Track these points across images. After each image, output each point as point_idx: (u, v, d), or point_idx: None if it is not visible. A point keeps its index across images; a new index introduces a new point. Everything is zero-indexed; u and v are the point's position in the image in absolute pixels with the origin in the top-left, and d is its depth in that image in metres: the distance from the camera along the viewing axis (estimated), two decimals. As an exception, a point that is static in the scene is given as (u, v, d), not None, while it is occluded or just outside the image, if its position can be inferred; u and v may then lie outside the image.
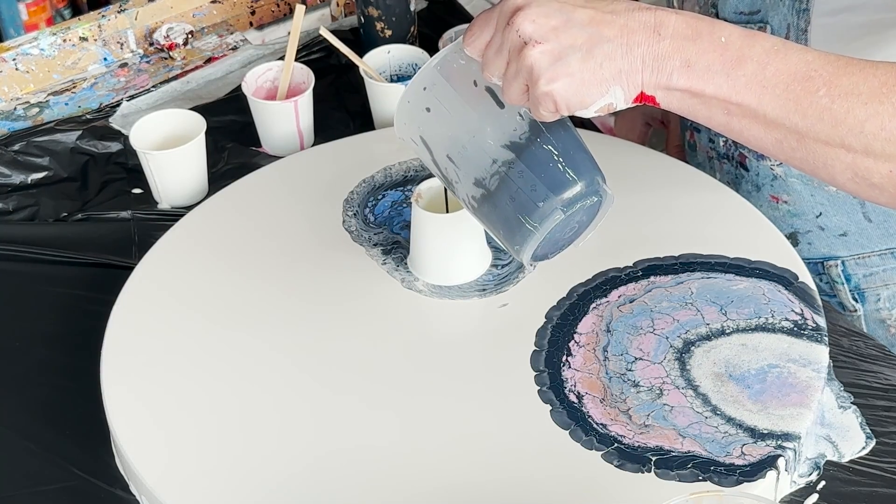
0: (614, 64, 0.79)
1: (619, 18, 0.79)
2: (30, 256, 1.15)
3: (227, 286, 1.05)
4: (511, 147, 0.86)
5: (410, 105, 0.88)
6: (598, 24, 0.79)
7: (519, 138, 0.86)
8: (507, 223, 0.88)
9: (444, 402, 0.94)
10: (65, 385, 1.02)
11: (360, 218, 1.12)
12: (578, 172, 0.86)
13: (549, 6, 0.79)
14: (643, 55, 0.79)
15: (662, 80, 0.80)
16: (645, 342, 0.97)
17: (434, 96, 0.87)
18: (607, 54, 0.79)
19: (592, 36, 0.79)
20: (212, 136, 1.23)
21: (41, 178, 1.26)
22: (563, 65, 0.79)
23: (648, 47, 0.79)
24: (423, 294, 1.03)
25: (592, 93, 0.80)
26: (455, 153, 0.88)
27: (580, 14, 0.79)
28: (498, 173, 0.87)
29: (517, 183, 0.86)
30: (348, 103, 1.36)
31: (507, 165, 0.86)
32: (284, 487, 0.88)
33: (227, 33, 1.44)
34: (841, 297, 1.14)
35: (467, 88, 0.86)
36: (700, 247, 1.06)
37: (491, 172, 0.87)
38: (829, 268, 1.14)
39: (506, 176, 0.86)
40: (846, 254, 1.12)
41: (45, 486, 0.94)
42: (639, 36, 0.79)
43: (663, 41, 0.79)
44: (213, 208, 1.15)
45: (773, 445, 0.88)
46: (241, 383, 0.96)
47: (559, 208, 0.86)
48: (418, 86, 0.87)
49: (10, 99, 1.34)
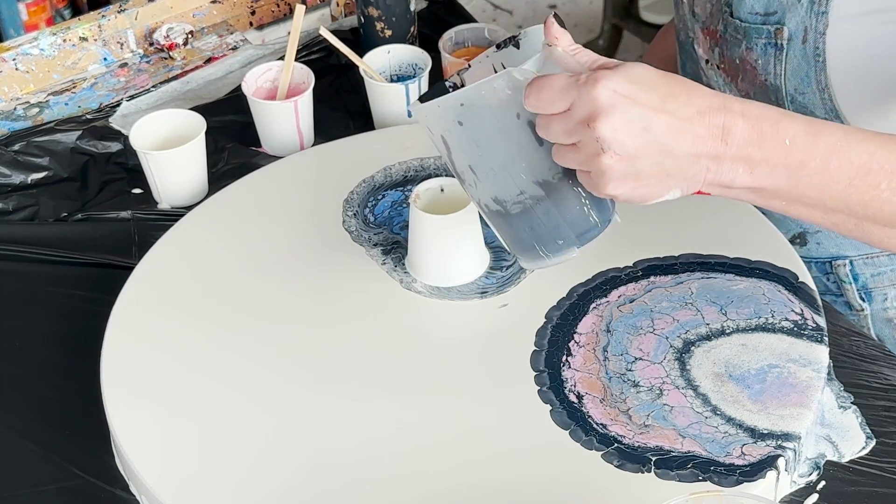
0: (681, 174, 0.81)
1: (692, 127, 0.79)
2: (30, 256, 1.15)
3: (227, 286, 1.05)
4: (542, 185, 0.85)
5: (441, 110, 0.85)
6: (673, 134, 0.79)
7: (552, 178, 0.85)
8: (520, 242, 0.89)
9: (444, 401, 0.94)
10: (65, 385, 1.02)
11: (360, 218, 1.12)
12: (601, 214, 0.87)
13: (630, 114, 0.78)
14: (709, 164, 0.81)
15: (724, 181, 0.82)
16: (645, 342, 0.97)
17: (471, 115, 0.84)
18: (677, 167, 0.81)
19: (665, 148, 0.80)
20: (212, 136, 1.23)
21: (41, 178, 1.26)
22: (633, 175, 0.80)
23: (715, 156, 0.80)
24: (423, 295, 1.03)
25: (653, 196, 0.83)
26: (480, 169, 0.87)
27: (658, 123, 0.79)
28: (522, 203, 0.86)
29: (541, 218, 0.86)
30: (348, 103, 1.36)
31: (535, 200, 0.86)
32: (284, 487, 0.88)
33: (227, 33, 1.44)
34: (848, 297, 1.14)
35: (508, 119, 0.84)
36: (700, 247, 1.06)
37: (515, 200, 0.86)
38: (836, 267, 1.14)
39: (530, 208, 0.86)
40: (855, 253, 1.12)
41: (45, 486, 0.94)
42: (707, 144, 0.80)
43: (729, 149, 0.80)
44: (213, 208, 1.15)
45: (773, 445, 0.88)
46: (241, 383, 0.96)
47: (577, 247, 0.88)
48: (455, 100, 0.84)
49: (10, 99, 1.34)
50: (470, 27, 1.34)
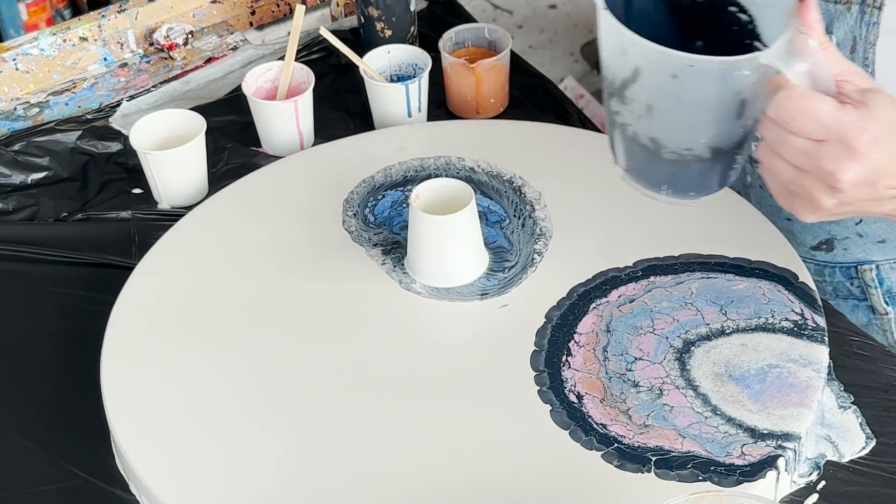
0: (868, 212, 0.82)
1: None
2: (30, 256, 1.15)
3: (227, 286, 1.05)
4: (713, 150, 0.82)
5: (662, 56, 0.77)
6: (890, 188, 0.80)
7: (726, 147, 0.82)
8: (648, 174, 0.85)
9: (444, 401, 0.94)
10: (65, 385, 1.02)
11: (359, 218, 1.12)
12: (731, 181, 0.86)
13: (873, 168, 0.77)
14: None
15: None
16: (645, 342, 0.97)
17: (693, 76, 0.78)
18: (873, 210, 0.82)
19: (877, 198, 0.80)
20: (212, 136, 1.23)
21: (41, 178, 1.25)
22: (837, 214, 0.81)
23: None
24: (422, 296, 1.03)
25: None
26: (659, 115, 0.81)
27: (884, 179, 0.79)
28: (681, 155, 0.83)
29: (689, 172, 0.83)
30: (348, 103, 1.36)
31: (696, 159, 0.82)
32: (283, 486, 0.88)
33: (227, 33, 1.44)
34: (873, 301, 1.14)
35: (728, 94, 0.79)
36: (700, 247, 1.06)
37: (676, 150, 0.82)
38: (862, 272, 1.13)
39: (687, 162, 0.83)
40: (881, 258, 1.12)
41: (45, 486, 0.94)
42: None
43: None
44: (213, 208, 1.15)
45: (773, 445, 0.88)
46: (240, 383, 0.96)
47: (699, 198, 0.86)
48: (685, 60, 0.77)
49: (10, 99, 1.34)
50: (470, 27, 1.34)
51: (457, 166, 1.16)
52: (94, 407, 0.96)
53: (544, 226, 1.09)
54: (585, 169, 1.16)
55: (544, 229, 1.09)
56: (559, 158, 1.18)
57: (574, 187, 1.14)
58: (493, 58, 1.29)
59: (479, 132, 1.23)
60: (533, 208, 1.11)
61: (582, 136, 1.23)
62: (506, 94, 1.33)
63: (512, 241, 1.08)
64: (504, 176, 1.15)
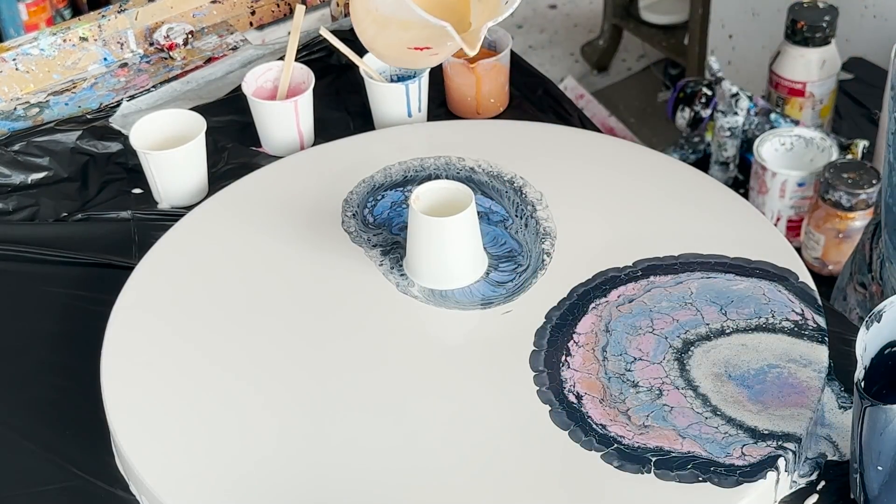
0: None
1: None
2: (30, 256, 1.15)
3: (227, 286, 1.05)
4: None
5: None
6: None
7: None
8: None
9: (443, 401, 0.94)
10: (65, 385, 1.02)
11: (359, 218, 1.12)
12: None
13: None
14: None
15: None
16: (644, 342, 0.97)
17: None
18: None
19: None
20: (212, 136, 1.23)
21: (41, 178, 1.25)
22: None
23: None
24: (419, 300, 1.03)
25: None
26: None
27: None
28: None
29: None
30: (348, 103, 1.36)
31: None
32: (282, 487, 0.88)
33: (227, 33, 1.44)
34: None
35: None
36: (700, 247, 1.06)
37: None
38: None
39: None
40: None
41: (45, 486, 0.94)
42: None
43: None
44: (213, 208, 1.15)
45: (773, 446, 0.88)
46: (240, 383, 0.96)
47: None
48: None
49: (10, 99, 1.34)
50: (470, 27, 1.34)
51: (457, 166, 1.16)
52: (94, 407, 0.96)
53: (548, 225, 1.09)
54: (585, 169, 1.16)
55: (549, 229, 1.09)
56: (559, 158, 1.18)
57: (574, 187, 1.14)
58: (493, 58, 1.29)
59: (479, 132, 1.23)
60: (534, 208, 1.11)
61: (582, 136, 1.23)
62: (506, 94, 1.33)
63: (520, 241, 1.08)
64: (504, 176, 1.15)
